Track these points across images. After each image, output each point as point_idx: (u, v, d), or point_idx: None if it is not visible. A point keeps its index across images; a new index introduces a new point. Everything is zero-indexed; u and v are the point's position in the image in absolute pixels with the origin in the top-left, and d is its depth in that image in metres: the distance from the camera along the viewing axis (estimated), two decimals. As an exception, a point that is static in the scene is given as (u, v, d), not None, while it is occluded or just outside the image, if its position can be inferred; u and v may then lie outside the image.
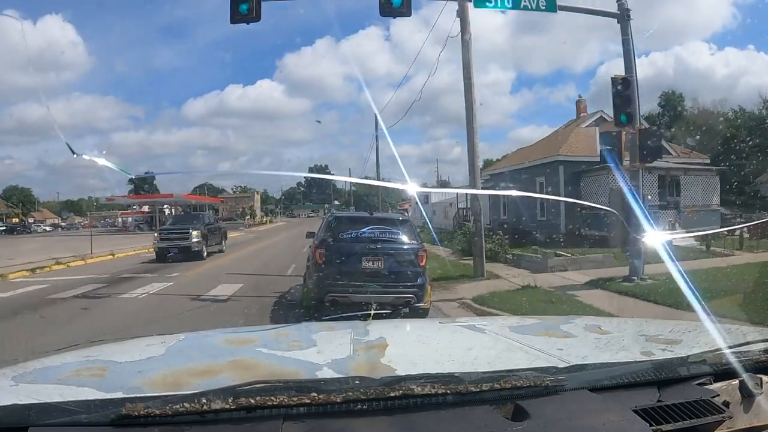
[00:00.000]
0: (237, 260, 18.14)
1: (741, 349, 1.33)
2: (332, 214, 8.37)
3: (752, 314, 5.72)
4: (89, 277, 13.30)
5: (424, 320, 4.47)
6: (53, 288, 11.58)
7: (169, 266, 16.01)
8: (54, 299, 10.16)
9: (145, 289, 11.17)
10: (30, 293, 11.09)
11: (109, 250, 20.69)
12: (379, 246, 7.22)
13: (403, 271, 7.10)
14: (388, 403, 1.06)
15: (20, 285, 12.31)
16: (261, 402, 1.03)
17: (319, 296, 7.06)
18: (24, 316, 8.39)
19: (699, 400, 1.14)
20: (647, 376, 1.21)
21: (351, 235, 7.37)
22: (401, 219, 8.00)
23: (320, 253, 7.22)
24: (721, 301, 6.64)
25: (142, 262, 17.51)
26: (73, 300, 10.08)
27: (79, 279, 13.11)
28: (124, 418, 1.00)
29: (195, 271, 14.88)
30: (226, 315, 8.23)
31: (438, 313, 8.00)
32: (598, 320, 2.41)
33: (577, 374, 1.20)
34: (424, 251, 7.38)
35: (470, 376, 1.13)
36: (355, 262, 7.08)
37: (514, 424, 1.04)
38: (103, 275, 13.88)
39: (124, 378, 1.40)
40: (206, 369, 1.45)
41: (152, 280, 12.78)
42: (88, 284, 12.07)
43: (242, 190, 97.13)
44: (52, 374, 1.46)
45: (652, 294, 8.29)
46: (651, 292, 8.46)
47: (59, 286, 11.71)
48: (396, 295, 6.88)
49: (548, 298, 8.91)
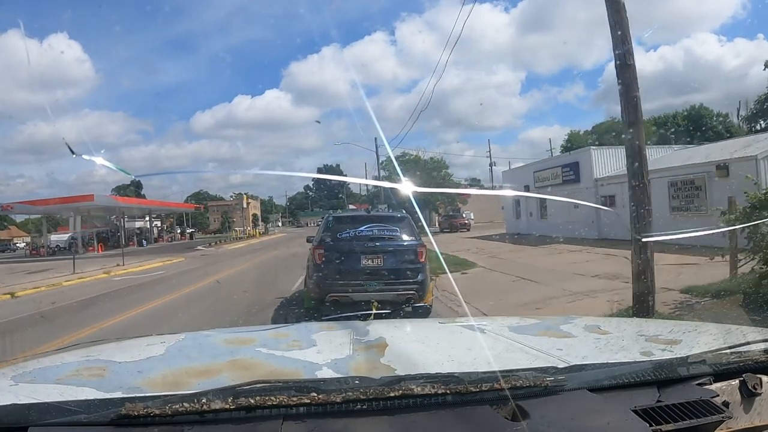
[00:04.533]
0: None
1: (741, 349, 1.33)
2: (330, 214, 8.36)
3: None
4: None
5: (424, 320, 4.47)
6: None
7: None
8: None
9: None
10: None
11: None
12: (378, 244, 7.20)
13: (403, 268, 7.07)
14: (388, 403, 1.06)
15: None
16: (261, 402, 1.03)
17: (319, 296, 7.05)
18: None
19: (699, 400, 1.14)
20: (647, 377, 1.21)
21: (350, 234, 7.35)
22: (399, 216, 7.98)
23: (319, 253, 7.21)
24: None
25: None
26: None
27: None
28: (124, 418, 1.00)
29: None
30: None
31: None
32: (597, 320, 2.41)
33: (577, 374, 1.20)
34: (423, 247, 7.35)
35: (470, 376, 1.13)
36: (354, 260, 7.06)
37: (514, 424, 1.04)
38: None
39: (123, 378, 1.40)
40: (206, 369, 1.45)
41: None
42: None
43: (237, 197, 77.76)
44: (51, 374, 1.46)
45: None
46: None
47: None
48: (397, 293, 6.86)
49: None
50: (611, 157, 21.62)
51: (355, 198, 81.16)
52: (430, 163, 42.80)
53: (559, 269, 12.17)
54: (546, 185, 25.36)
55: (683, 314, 6.36)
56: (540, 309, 7.78)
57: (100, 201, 35.74)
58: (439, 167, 43.60)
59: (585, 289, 9.05)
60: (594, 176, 21.70)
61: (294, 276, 12.54)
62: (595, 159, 21.97)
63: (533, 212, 27.43)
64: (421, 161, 42.49)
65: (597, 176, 21.65)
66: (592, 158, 22.04)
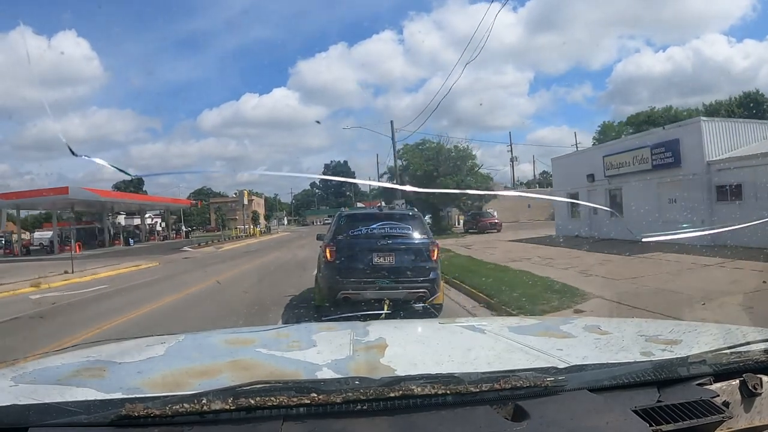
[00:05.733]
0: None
1: (741, 349, 1.33)
2: (342, 212, 8.37)
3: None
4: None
5: (424, 320, 4.47)
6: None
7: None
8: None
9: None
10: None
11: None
12: (389, 242, 7.20)
13: (414, 266, 7.07)
14: (388, 404, 1.06)
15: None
16: (261, 402, 1.03)
17: (331, 294, 7.04)
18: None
19: (699, 400, 1.14)
20: (647, 377, 1.21)
21: (361, 232, 7.36)
22: (411, 214, 7.99)
23: (331, 251, 7.20)
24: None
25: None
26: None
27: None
28: (124, 419, 1.00)
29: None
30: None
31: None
32: (597, 320, 2.41)
33: (577, 374, 1.20)
34: (435, 245, 7.35)
35: (470, 376, 1.13)
36: (366, 258, 7.07)
37: (514, 424, 1.04)
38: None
39: (123, 378, 1.40)
40: (206, 369, 1.45)
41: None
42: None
43: (239, 194, 74.30)
44: (51, 374, 1.46)
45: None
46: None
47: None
48: (408, 291, 6.87)
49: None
50: (728, 133, 16.27)
51: (363, 196, 76.82)
52: (454, 152, 36.24)
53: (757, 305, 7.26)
54: (623, 173, 19.57)
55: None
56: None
57: (76, 194, 31.33)
58: (465, 156, 36.56)
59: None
60: (706, 158, 15.67)
61: (284, 299, 9.45)
62: (707, 134, 15.98)
63: (600, 210, 20.57)
64: (445, 149, 36.03)
65: (710, 158, 15.69)
66: (702, 133, 15.93)
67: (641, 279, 10.41)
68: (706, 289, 8.57)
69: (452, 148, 36.34)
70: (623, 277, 10.81)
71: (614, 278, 10.79)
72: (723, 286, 8.94)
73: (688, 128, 17.19)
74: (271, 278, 14.15)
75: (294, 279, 12.34)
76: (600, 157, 21.15)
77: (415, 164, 35.95)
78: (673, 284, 9.63)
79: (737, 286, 8.95)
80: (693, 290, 8.75)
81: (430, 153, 36.06)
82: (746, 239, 12.57)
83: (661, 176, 17.63)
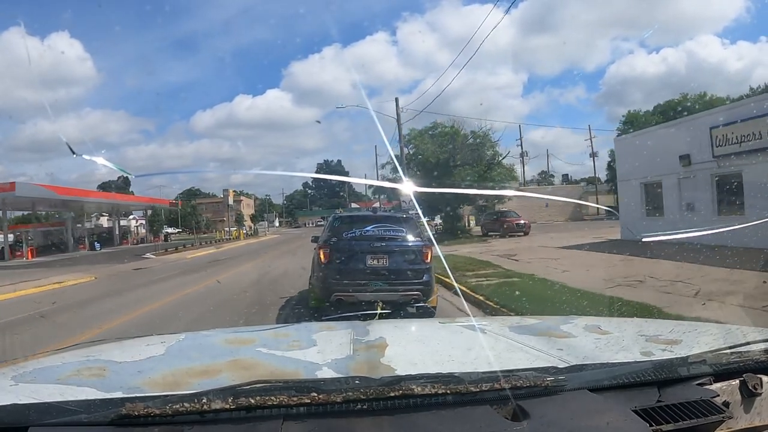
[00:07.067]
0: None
1: (741, 349, 1.32)
2: (336, 214, 8.36)
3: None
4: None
5: (424, 320, 4.47)
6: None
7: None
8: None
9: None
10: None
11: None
12: (383, 244, 7.20)
13: (408, 268, 7.07)
14: (388, 403, 1.06)
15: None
16: (261, 402, 1.03)
17: (324, 296, 7.05)
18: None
19: (699, 400, 1.14)
20: (647, 377, 1.21)
21: (355, 234, 7.36)
22: (405, 216, 7.99)
23: (325, 253, 7.21)
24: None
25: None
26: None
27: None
28: (124, 418, 1.00)
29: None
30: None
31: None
32: (597, 320, 2.41)
33: (577, 374, 1.20)
34: (429, 248, 7.35)
35: (470, 376, 1.13)
36: (360, 260, 7.07)
37: (514, 424, 1.04)
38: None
39: (124, 378, 1.40)
40: (206, 369, 1.45)
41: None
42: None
43: (236, 195, 68.66)
44: (52, 374, 1.46)
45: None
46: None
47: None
48: (402, 293, 6.87)
49: None
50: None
51: (358, 196, 73.01)
52: (471, 137, 29.48)
53: None
54: (743, 150, 13.44)
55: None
56: None
57: (24, 191, 25.55)
58: (485, 143, 29.38)
59: None
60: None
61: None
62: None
63: (700, 204, 14.66)
64: (461, 135, 29.33)
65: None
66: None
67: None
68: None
69: (469, 134, 29.55)
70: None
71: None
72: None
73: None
74: (215, 317, 8.25)
75: (256, 318, 7.67)
76: (705, 130, 14.58)
77: (426, 151, 29.48)
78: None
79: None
80: None
81: (444, 139, 29.42)
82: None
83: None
